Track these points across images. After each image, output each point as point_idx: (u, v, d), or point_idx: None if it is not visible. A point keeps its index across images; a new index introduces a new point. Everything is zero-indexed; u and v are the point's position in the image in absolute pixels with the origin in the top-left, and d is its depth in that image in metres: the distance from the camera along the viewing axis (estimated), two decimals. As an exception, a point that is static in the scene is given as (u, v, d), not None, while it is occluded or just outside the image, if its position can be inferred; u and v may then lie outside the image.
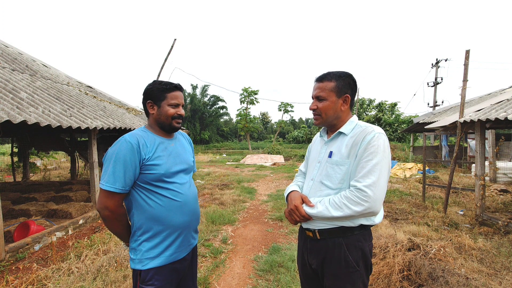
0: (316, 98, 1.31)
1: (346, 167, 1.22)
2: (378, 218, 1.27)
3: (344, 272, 1.20)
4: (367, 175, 1.12)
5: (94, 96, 6.88)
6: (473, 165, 8.46)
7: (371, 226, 1.26)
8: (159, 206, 1.30)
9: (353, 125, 1.29)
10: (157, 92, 1.36)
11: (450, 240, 3.52)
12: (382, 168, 1.13)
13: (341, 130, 1.29)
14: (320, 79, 1.31)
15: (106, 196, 1.24)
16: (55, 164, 13.62)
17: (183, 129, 9.53)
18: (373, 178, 1.11)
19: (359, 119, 1.35)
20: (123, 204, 1.33)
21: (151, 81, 1.44)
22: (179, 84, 1.41)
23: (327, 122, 1.32)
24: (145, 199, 1.30)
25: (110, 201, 1.24)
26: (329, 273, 1.24)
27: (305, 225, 1.32)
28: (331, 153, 1.29)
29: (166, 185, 1.32)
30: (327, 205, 1.18)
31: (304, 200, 1.27)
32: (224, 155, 23.72)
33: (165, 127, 1.39)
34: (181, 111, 1.40)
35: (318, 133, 1.52)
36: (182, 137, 1.57)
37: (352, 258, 1.20)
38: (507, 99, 4.53)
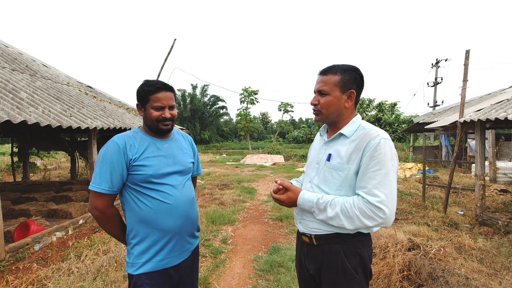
0: (318, 92, 1.20)
1: (345, 173, 1.13)
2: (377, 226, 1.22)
3: (341, 280, 1.14)
4: (378, 188, 1.04)
5: (94, 96, 6.89)
6: (473, 165, 8.46)
7: (370, 232, 1.21)
8: (148, 208, 1.27)
9: (355, 126, 1.18)
10: (142, 94, 1.30)
11: (450, 240, 3.52)
12: (392, 179, 1.06)
13: (342, 131, 1.19)
14: (324, 72, 1.20)
15: (94, 197, 1.24)
16: (55, 164, 13.62)
17: (183, 129, 9.50)
18: (386, 191, 1.03)
19: None
20: (114, 204, 1.31)
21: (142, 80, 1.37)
22: (163, 85, 1.31)
23: (328, 119, 1.22)
24: (135, 201, 1.28)
25: (99, 201, 1.24)
26: (327, 280, 1.18)
27: (301, 230, 1.27)
28: (329, 156, 1.20)
29: (155, 187, 1.28)
30: (338, 211, 1.08)
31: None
32: (224, 155, 23.72)
33: (152, 129, 1.34)
34: (166, 114, 1.31)
35: (319, 132, 1.43)
36: (181, 138, 1.51)
37: (350, 265, 1.14)
38: (507, 99, 4.53)
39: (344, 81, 1.16)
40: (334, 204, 1.09)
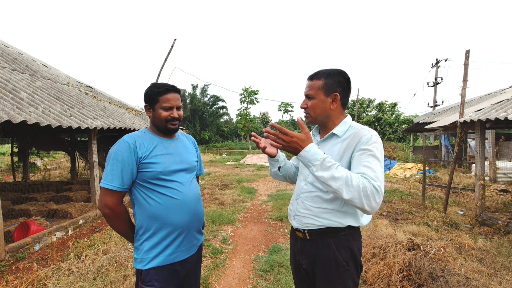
0: (306, 96, 1.29)
1: None
2: (366, 220, 1.28)
3: (334, 272, 1.21)
4: (378, 177, 1.06)
5: (94, 96, 6.89)
6: (473, 165, 8.46)
7: (359, 226, 1.27)
8: (158, 204, 1.33)
9: (346, 126, 1.26)
10: (151, 95, 1.38)
11: (450, 240, 3.52)
12: (383, 172, 1.11)
13: (334, 131, 1.26)
14: (311, 77, 1.29)
15: (105, 194, 1.29)
16: (55, 164, 13.63)
17: (183, 129, 9.51)
18: (382, 180, 1.07)
19: (359, 119, 1.30)
20: (123, 202, 1.36)
21: (150, 83, 1.45)
22: (171, 86, 1.39)
23: (317, 120, 1.30)
24: (145, 198, 1.33)
25: (109, 198, 1.29)
26: (320, 273, 1.24)
27: (295, 226, 1.33)
28: None
29: (165, 183, 1.34)
30: (343, 175, 1.04)
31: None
32: (224, 155, 23.73)
33: (161, 129, 1.42)
34: (174, 114, 1.39)
35: (311, 132, 1.48)
36: (185, 138, 1.58)
37: (342, 258, 1.20)
38: (507, 99, 4.53)
39: (327, 85, 1.24)
40: (341, 169, 1.07)
